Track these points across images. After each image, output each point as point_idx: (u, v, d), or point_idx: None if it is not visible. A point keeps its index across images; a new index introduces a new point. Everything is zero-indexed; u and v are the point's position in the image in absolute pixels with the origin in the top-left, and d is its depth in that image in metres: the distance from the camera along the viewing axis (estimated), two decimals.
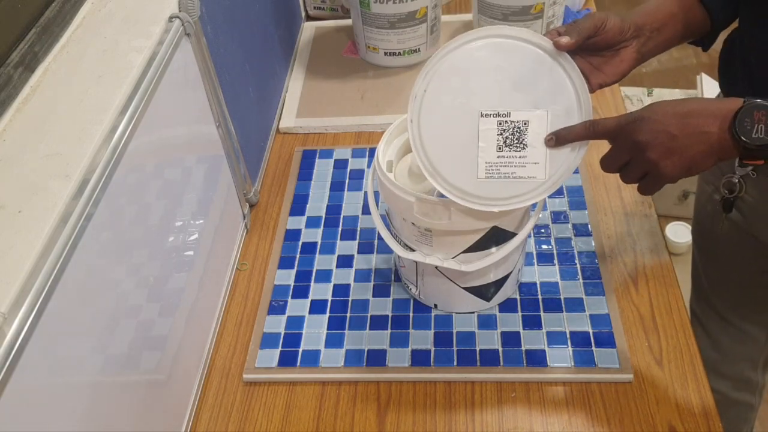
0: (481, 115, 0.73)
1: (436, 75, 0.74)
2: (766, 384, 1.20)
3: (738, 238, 1.01)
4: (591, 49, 0.76)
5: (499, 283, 0.87)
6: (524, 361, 0.84)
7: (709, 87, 2.14)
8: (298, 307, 0.92)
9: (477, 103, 0.73)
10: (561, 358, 0.84)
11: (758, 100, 0.64)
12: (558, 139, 0.72)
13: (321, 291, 0.94)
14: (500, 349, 0.85)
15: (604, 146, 0.72)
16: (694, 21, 0.82)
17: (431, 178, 0.74)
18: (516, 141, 0.73)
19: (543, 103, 0.72)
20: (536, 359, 0.84)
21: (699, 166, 0.68)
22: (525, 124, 0.72)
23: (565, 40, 0.72)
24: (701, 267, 1.14)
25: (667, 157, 0.67)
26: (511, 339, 0.86)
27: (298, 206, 1.07)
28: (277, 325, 0.91)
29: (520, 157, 0.73)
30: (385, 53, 1.30)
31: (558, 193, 1.03)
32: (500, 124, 0.73)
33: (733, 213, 0.96)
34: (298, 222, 1.04)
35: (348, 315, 0.91)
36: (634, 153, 0.69)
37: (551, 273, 0.93)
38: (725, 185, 0.93)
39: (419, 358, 0.85)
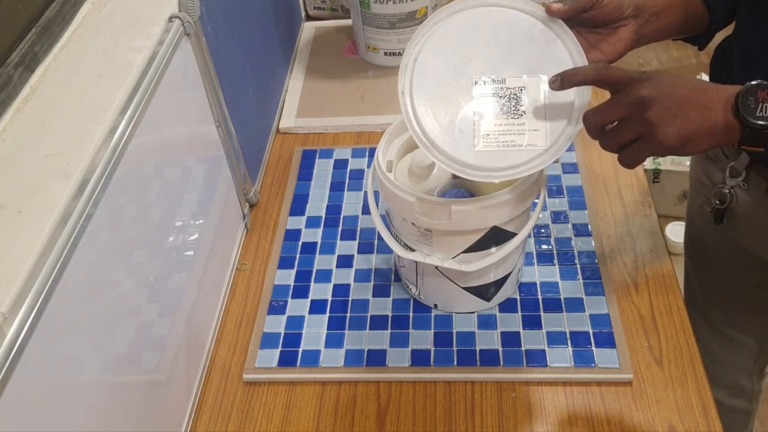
0: (475, 83, 0.70)
1: (426, 43, 0.72)
2: (762, 390, 1.19)
3: (730, 249, 1.00)
4: (587, 25, 0.76)
5: (499, 283, 0.87)
6: (524, 361, 0.84)
7: None
8: (298, 307, 0.92)
9: (470, 70, 0.71)
10: (561, 358, 0.84)
11: (761, 81, 0.61)
12: (563, 81, 0.68)
13: (321, 291, 0.94)
14: (500, 349, 0.85)
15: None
16: (694, 14, 0.81)
17: (428, 152, 0.70)
18: (513, 108, 0.70)
19: (538, 69, 0.70)
20: (536, 359, 0.84)
21: (696, 143, 0.63)
22: (521, 90, 0.70)
23: (557, 5, 0.71)
24: (693, 277, 1.13)
25: (669, 122, 0.62)
26: (511, 339, 0.86)
27: (298, 206, 1.06)
28: (277, 325, 0.91)
29: (518, 124, 0.69)
30: (385, 53, 1.30)
31: (558, 193, 1.03)
32: (496, 91, 0.70)
33: (725, 224, 0.94)
34: (298, 222, 1.04)
35: (348, 315, 0.91)
36: (634, 109, 0.63)
37: (551, 273, 0.93)
38: (716, 196, 0.92)
39: (419, 358, 0.85)
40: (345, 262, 0.97)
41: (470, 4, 0.73)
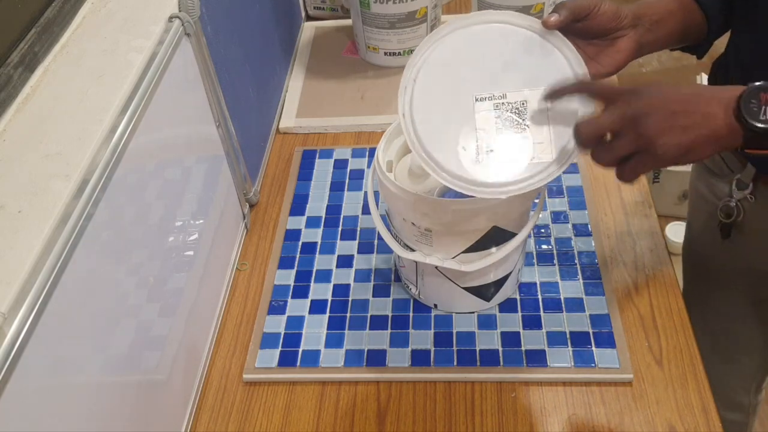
0: (476, 100, 0.70)
1: (424, 65, 0.72)
2: (759, 402, 1.18)
3: (731, 266, 0.98)
4: (585, 36, 0.74)
5: (499, 283, 0.87)
6: (524, 361, 0.84)
7: None
8: (298, 307, 0.92)
9: (470, 88, 0.70)
10: (561, 358, 0.84)
11: (763, 83, 0.60)
12: (548, 94, 0.68)
13: (321, 291, 0.94)
14: (500, 349, 0.85)
15: None
16: (692, 22, 0.80)
17: (434, 174, 0.70)
18: (516, 122, 0.69)
19: (539, 81, 0.70)
20: (536, 359, 0.84)
21: (698, 151, 0.61)
22: (523, 104, 0.70)
23: (553, 18, 0.70)
24: (691, 293, 1.10)
25: (666, 133, 0.60)
26: (511, 339, 0.86)
27: (298, 206, 1.06)
28: (277, 325, 0.91)
29: (522, 138, 0.69)
30: (385, 53, 1.30)
31: (558, 193, 1.03)
32: (497, 106, 0.70)
33: (729, 240, 0.93)
34: (298, 222, 1.04)
35: (348, 315, 0.91)
36: (627, 124, 0.62)
37: (551, 273, 0.93)
38: (723, 210, 0.90)
39: (419, 358, 0.85)
40: (345, 262, 0.97)
41: (467, 22, 0.73)
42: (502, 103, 0.70)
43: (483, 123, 0.70)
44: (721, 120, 0.60)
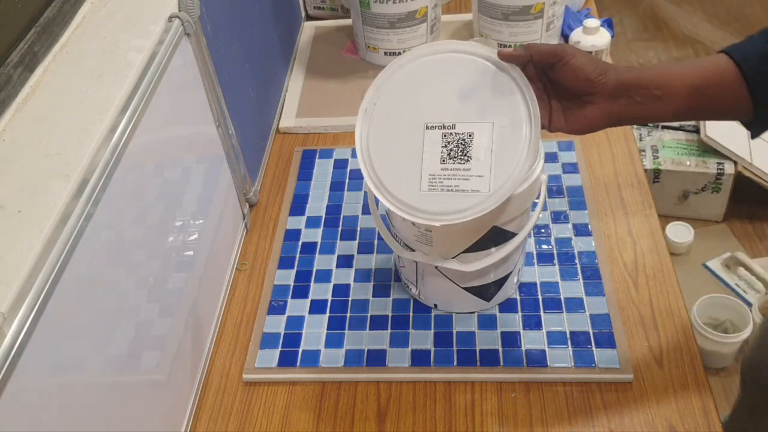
0: (427, 128, 0.73)
1: (385, 89, 0.75)
2: None
3: None
4: (557, 87, 0.71)
5: (499, 283, 0.87)
6: (524, 361, 0.84)
7: None
8: (298, 307, 0.92)
9: (423, 116, 0.73)
10: (561, 358, 0.84)
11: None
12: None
13: (321, 291, 0.94)
14: (500, 349, 0.85)
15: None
16: (729, 97, 0.66)
17: (376, 191, 0.73)
18: (460, 153, 0.71)
19: (489, 115, 0.71)
20: (536, 359, 0.84)
21: None
22: (470, 136, 0.71)
23: (507, 50, 0.70)
24: (751, 408, 1.01)
25: None
26: (511, 339, 0.86)
27: (298, 206, 1.06)
28: (277, 325, 0.91)
29: (464, 169, 0.71)
30: (385, 53, 1.30)
31: (558, 193, 1.03)
32: (445, 136, 0.72)
33: None
34: (298, 222, 1.04)
35: (348, 315, 0.91)
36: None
37: (551, 273, 0.93)
38: None
39: (419, 358, 0.85)
40: (345, 262, 0.97)
41: (431, 50, 0.74)
42: (450, 133, 0.72)
43: (429, 151, 0.72)
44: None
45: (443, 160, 0.71)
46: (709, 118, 0.71)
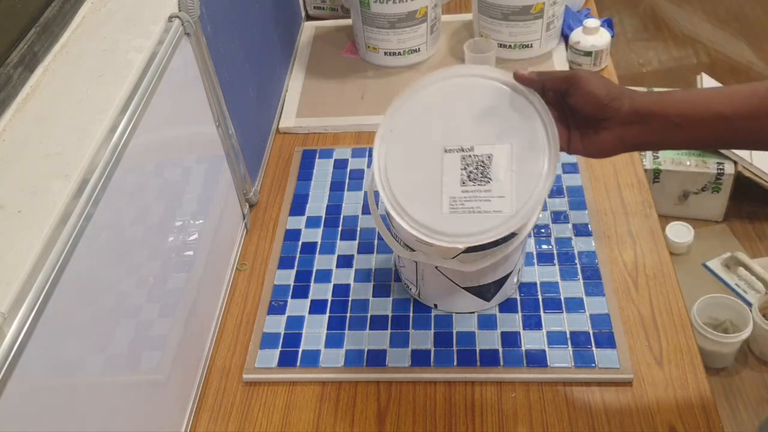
0: (445, 151, 0.73)
1: (402, 115, 0.75)
2: None
3: None
4: (573, 112, 0.70)
5: (499, 283, 0.87)
6: (524, 361, 0.84)
7: (709, 87, 2.14)
8: (298, 307, 0.92)
9: (441, 139, 0.73)
10: (561, 358, 0.84)
11: None
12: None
13: (321, 291, 0.94)
14: (500, 349, 0.85)
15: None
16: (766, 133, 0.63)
17: (397, 216, 0.73)
18: (480, 175, 0.71)
19: (508, 137, 0.72)
20: (536, 359, 0.84)
21: None
22: (489, 157, 0.72)
23: (524, 71, 0.70)
24: None
25: None
26: (511, 339, 0.86)
27: (298, 206, 1.06)
28: (277, 325, 0.91)
29: (485, 191, 0.71)
30: (385, 53, 1.30)
31: (558, 193, 1.03)
32: (464, 158, 0.72)
33: None
34: (298, 222, 1.04)
35: (348, 315, 0.91)
36: None
37: (551, 273, 0.93)
38: None
39: (419, 358, 0.85)
40: (345, 262, 0.97)
41: (448, 74, 0.75)
42: (469, 156, 0.72)
43: (449, 174, 0.72)
44: None
45: (463, 182, 0.72)
46: (739, 148, 0.68)
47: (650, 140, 0.67)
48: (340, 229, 1.02)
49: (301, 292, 0.94)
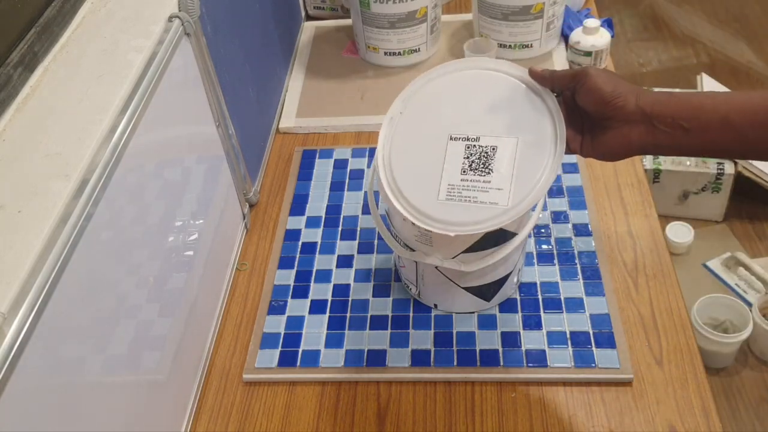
0: (451, 138, 0.73)
1: (414, 99, 0.75)
2: None
3: None
4: (584, 112, 0.69)
5: (499, 283, 0.87)
6: (524, 361, 0.84)
7: (710, 87, 2.14)
8: (298, 307, 0.92)
9: (449, 127, 0.73)
10: (561, 358, 0.84)
11: None
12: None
13: (321, 291, 0.94)
14: (500, 349, 0.85)
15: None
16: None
17: (393, 197, 0.73)
18: (482, 165, 0.71)
19: (515, 131, 0.72)
20: (536, 359, 0.84)
21: None
22: (493, 149, 0.72)
23: (538, 68, 0.70)
24: None
25: None
26: (511, 339, 0.86)
27: (298, 206, 1.06)
28: (277, 325, 0.91)
29: (483, 181, 0.71)
30: (385, 53, 1.30)
31: (558, 193, 1.03)
32: (468, 147, 0.72)
33: None
34: (298, 222, 1.04)
35: (348, 315, 0.91)
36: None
37: (551, 273, 0.93)
38: None
39: (419, 358, 0.85)
40: (345, 262, 0.97)
41: (462, 66, 0.75)
42: (474, 146, 0.72)
43: (450, 161, 0.72)
44: None
45: (464, 171, 0.72)
46: (751, 158, 0.64)
47: (658, 142, 0.64)
48: (340, 229, 1.02)
49: (301, 292, 0.94)
